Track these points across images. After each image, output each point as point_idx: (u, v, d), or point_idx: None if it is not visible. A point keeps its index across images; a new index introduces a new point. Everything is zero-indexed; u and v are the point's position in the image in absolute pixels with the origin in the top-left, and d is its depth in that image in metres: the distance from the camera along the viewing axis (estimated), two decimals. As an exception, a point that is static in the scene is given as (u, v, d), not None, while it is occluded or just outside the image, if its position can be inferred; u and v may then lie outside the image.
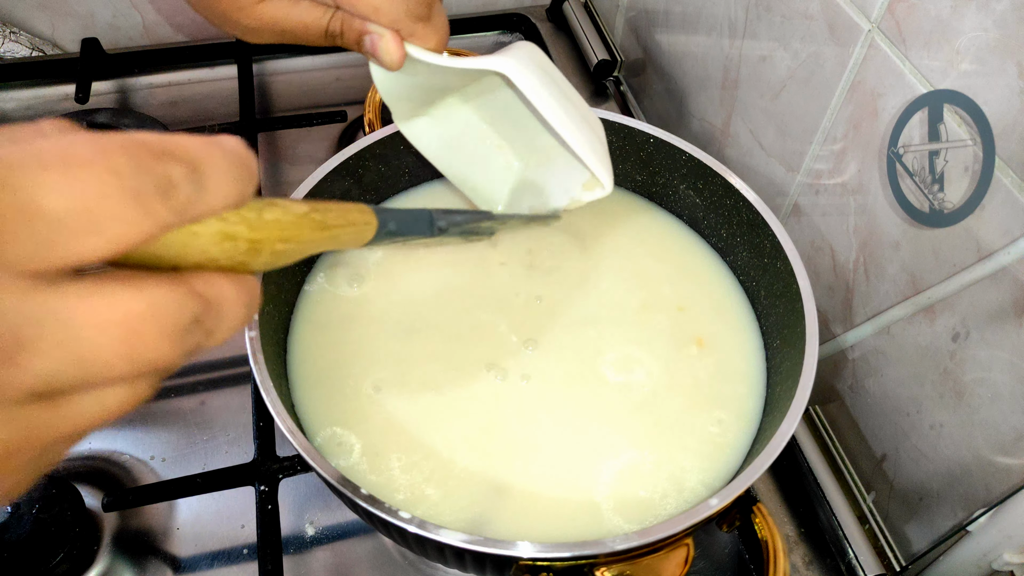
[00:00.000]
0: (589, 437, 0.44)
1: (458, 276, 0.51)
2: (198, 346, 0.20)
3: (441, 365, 0.47)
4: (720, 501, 0.37)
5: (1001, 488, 0.42)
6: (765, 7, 0.55)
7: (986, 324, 0.41)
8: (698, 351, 0.48)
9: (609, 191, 0.44)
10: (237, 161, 0.21)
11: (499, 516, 0.41)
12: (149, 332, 0.18)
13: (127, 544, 0.50)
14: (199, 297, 0.20)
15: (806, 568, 0.52)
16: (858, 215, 0.50)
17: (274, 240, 0.23)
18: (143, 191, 0.18)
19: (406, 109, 0.46)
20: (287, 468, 0.49)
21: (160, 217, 0.18)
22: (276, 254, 0.23)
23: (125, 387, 0.20)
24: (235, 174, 0.21)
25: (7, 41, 0.79)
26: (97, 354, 0.18)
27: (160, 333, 0.19)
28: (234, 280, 0.21)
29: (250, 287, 0.22)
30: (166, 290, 0.19)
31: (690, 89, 0.69)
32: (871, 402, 0.52)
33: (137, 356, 0.18)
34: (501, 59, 0.39)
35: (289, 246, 0.24)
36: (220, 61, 0.81)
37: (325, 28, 0.39)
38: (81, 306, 0.17)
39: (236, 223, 0.22)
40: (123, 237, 0.17)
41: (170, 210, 0.18)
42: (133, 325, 0.18)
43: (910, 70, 0.43)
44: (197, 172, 0.19)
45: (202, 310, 0.20)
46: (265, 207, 0.23)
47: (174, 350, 0.19)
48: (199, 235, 0.20)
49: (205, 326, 0.20)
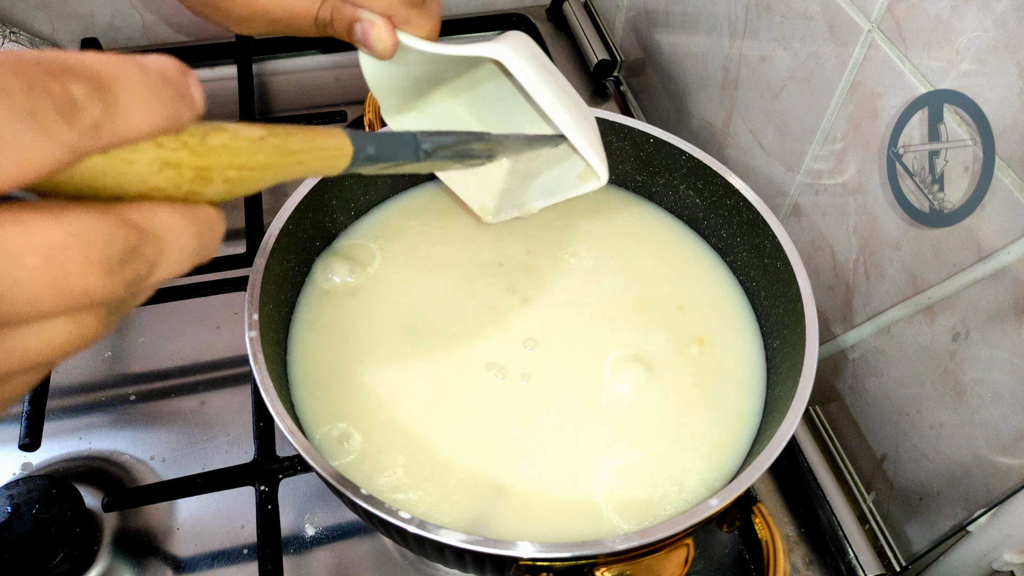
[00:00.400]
0: (589, 437, 0.44)
1: (458, 276, 0.51)
2: (140, 277, 0.19)
3: (441, 365, 0.47)
4: (720, 501, 0.37)
5: (1001, 488, 0.42)
6: (765, 7, 0.55)
7: (986, 324, 0.41)
8: (698, 351, 0.48)
9: (605, 181, 0.43)
10: (161, 79, 0.19)
11: (499, 516, 0.41)
12: (73, 262, 0.18)
13: (127, 544, 0.50)
14: (131, 225, 0.19)
15: (806, 568, 0.52)
16: (858, 215, 0.50)
17: (224, 167, 0.22)
18: (39, 111, 0.16)
19: (395, 103, 0.45)
20: (287, 468, 0.49)
21: (66, 139, 0.17)
22: (231, 182, 0.22)
23: (67, 321, 0.19)
24: (160, 93, 0.19)
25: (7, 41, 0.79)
26: (18, 287, 0.17)
27: (87, 263, 0.18)
28: (179, 209, 0.20)
29: (203, 216, 0.21)
30: (92, 218, 0.18)
31: (690, 89, 0.69)
32: (871, 402, 0.52)
33: (64, 287, 0.18)
34: (495, 45, 0.39)
35: (244, 172, 0.22)
36: (220, 61, 0.81)
37: (315, 16, 0.38)
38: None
39: (176, 149, 0.20)
40: (27, 163, 0.16)
41: (77, 132, 0.17)
42: (53, 255, 0.17)
43: (910, 70, 0.43)
44: (105, 90, 0.18)
45: (137, 239, 0.19)
46: (211, 131, 0.21)
47: (108, 281, 0.18)
48: (134, 162, 0.19)
49: (144, 256, 0.19)
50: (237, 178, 0.22)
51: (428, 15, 0.38)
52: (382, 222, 0.54)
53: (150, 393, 0.57)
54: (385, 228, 0.54)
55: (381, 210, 0.55)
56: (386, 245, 0.53)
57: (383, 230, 0.54)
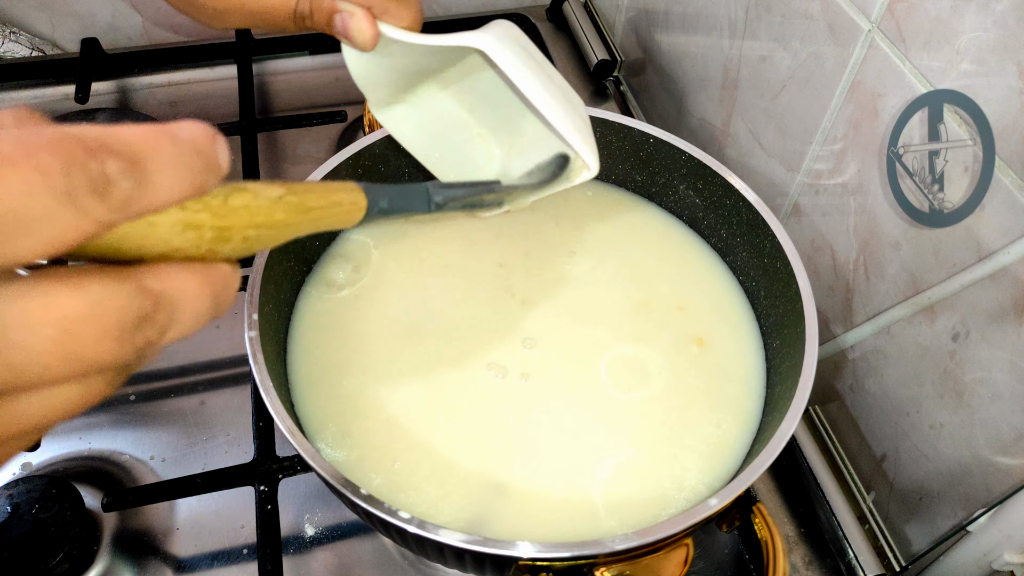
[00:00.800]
0: (589, 436, 0.44)
1: (457, 276, 0.51)
2: (152, 343, 0.20)
3: (440, 364, 0.47)
4: (720, 501, 0.37)
5: (1001, 488, 0.42)
6: (765, 7, 0.55)
7: (986, 324, 0.41)
8: (698, 351, 0.48)
9: (595, 171, 0.42)
10: (190, 149, 0.20)
11: (498, 516, 0.41)
12: (88, 332, 0.18)
13: (127, 544, 0.50)
14: (147, 293, 0.19)
15: (806, 568, 0.51)
16: (858, 215, 0.50)
17: (245, 226, 0.22)
18: (75, 190, 0.17)
19: (382, 96, 0.44)
20: (287, 468, 0.49)
21: (98, 215, 0.17)
22: (250, 240, 0.22)
23: (74, 386, 0.19)
24: (188, 163, 0.20)
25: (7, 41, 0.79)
26: (30, 357, 0.17)
27: (101, 332, 0.18)
28: (196, 271, 0.21)
29: (219, 276, 0.21)
30: (110, 287, 0.18)
31: (690, 89, 0.69)
32: (871, 402, 0.52)
33: (76, 357, 0.18)
34: (478, 35, 0.38)
35: (263, 231, 0.23)
36: (220, 61, 0.81)
37: (293, 9, 0.38)
38: (11, 309, 0.17)
39: (198, 211, 0.21)
40: (59, 238, 0.17)
41: (109, 208, 0.18)
42: (68, 326, 0.18)
43: (910, 70, 0.43)
44: (138, 166, 0.18)
45: (152, 307, 0.19)
46: (232, 192, 0.22)
47: (120, 349, 0.19)
48: (157, 225, 0.20)
49: (157, 322, 0.19)
50: (255, 236, 0.23)
51: (409, 5, 0.38)
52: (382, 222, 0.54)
53: (150, 393, 0.57)
54: (385, 228, 0.54)
55: (381, 210, 0.55)
56: (386, 245, 0.53)
57: (383, 230, 0.54)
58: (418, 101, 0.47)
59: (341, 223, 0.29)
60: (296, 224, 0.25)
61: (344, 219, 0.29)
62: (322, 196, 0.26)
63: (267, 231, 0.23)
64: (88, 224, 0.17)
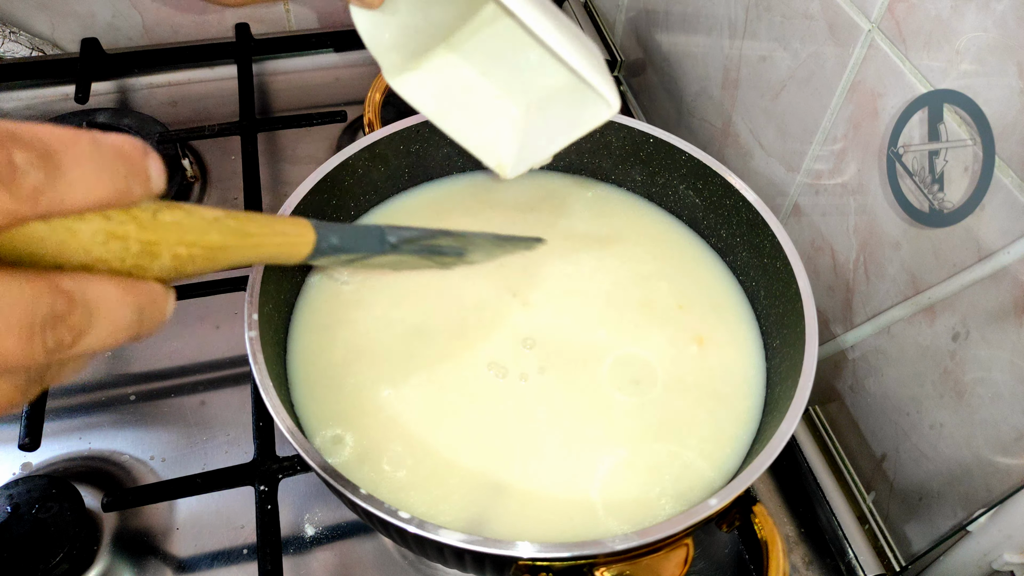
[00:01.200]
0: (588, 436, 0.44)
1: (457, 276, 0.51)
2: (64, 345, 0.19)
3: (440, 364, 0.47)
4: (720, 501, 0.37)
5: (1001, 488, 0.42)
6: (765, 7, 0.55)
7: (986, 324, 0.41)
8: (698, 350, 0.48)
9: (616, 108, 0.42)
10: (112, 153, 0.20)
11: (498, 516, 0.41)
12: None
13: (127, 544, 0.50)
14: (60, 292, 0.19)
15: (806, 568, 0.51)
16: (858, 215, 0.50)
17: (174, 243, 0.22)
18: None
19: (396, 61, 0.44)
20: (287, 468, 0.49)
21: (4, 204, 0.17)
22: (181, 259, 0.22)
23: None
24: (110, 167, 0.19)
25: (7, 41, 0.79)
26: None
27: (5, 327, 0.18)
28: (119, 281, 0.20)
29: (145, 291, 0.21)
30: (19, 282, 0.18)
31: (690, 89, 0.69)
32: (871, 402, 0.52)
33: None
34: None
35: (195, 250, 0.22)
36: (220, 61, 0.81)
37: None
38: None
39: (124, 222, 0.20)
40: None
41: (15, 197, 0.17)
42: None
43: (910, 70, 0.43)
44: (49, 159, 0.18)
45: (65, 306, 0.19)
46: (164, 208, 0.22)
47: (27, 347, 0.18)
48: (77, 232, 0.19)
49: (71, 324, 0.19)
50: (187, 256, 0.22)
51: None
52: (382, 222, 0.54)
53: (150, 393, 0.57)
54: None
55: (381, 210, 0.55)
56: (386, 245, 0.53)
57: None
58: (431, 67, 0.46)
59: (287, 256, 0.28)
60: (233, 248, 0.24)
61: (290, 251, 0.28)
62: (265, 225, 0.26)
63: (200, 251, 0.23)
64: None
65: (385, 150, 0.52)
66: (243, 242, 0.25)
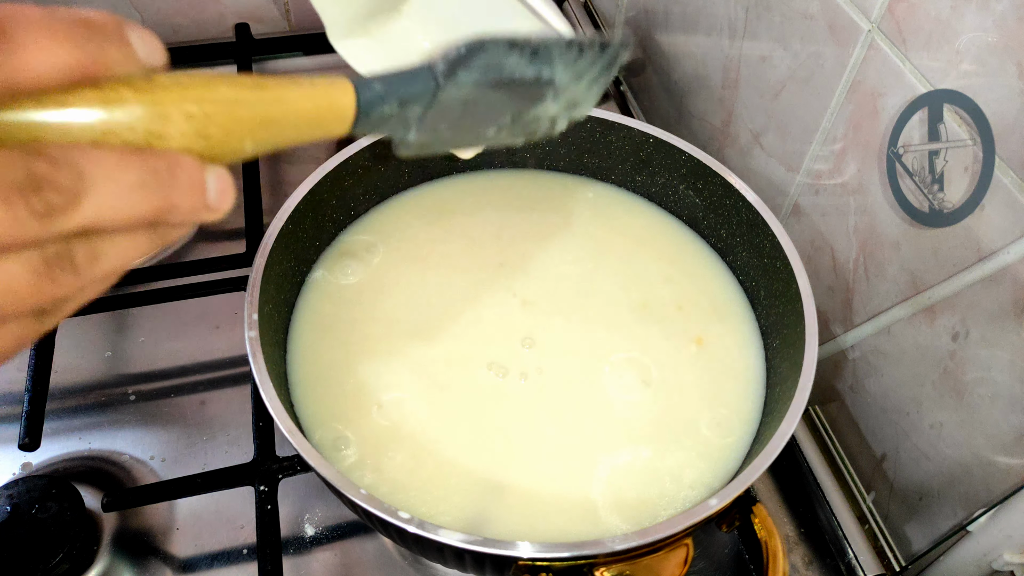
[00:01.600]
0: (588, 436, 0.44)
1: (457, 276, 0.51)
2: (57, 208, 0.18)
3: (440, 364, 0.47)
4: (720, 501, 0.37)
5: (1001, 488, 0.42)
6: (765, 7, 0.55)
7: (986, 324, 0.41)
8: (697, 350, 0.48)
9: None
10: (73, 20, 0.18)
11: (498, 515, 0.41)
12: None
13: (127, 544, 0.50)
14: (39, 156, 0.17)
15: (806, 568, 0.51)
16: (858, 215, 0.50)
17: (178, 100, 0.20)
18: None
19: (342, 23, 0.42)
20: (287, 468, 0.48)
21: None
22: (195, 119, 0.20)
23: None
24: (71, 32, 0.18)
25: (7, 41, 0.79)
26: None
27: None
28: (119, 147, 0.19)
29: (157, 155, 0.19)
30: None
31: (690, 89, 0.69)
32: (871, 402, 0.52)
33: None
34: None
35: (208, 107, 0.20)
36: (220, 61, 0.81)
37: None
38: None
39: (117, 87, 0.19)
40: None
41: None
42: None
43: (910, 70, 0.43)
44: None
45: (46, 168, 0.17)
46: (163, 74, 0.20)
47: (10, 212, 0.17)
48: (69, 104, 0.18)
49: (58, 185, 0.18)
50: (201, 114, 0.20)
51: None
52: (382, 222, 0.54)
53: (150, 393, 0.57)
54: (385, 228, 0.54)
55: (381, 210, 0.55)
56: (386, 245, 0.53)
57: (383, 230, 0.54)
58: (381, 36, 0.44)
59: (325, 112, 0.25)
60: (252, 103, 0.22)
61: (327, 104, 0.25)
62: (288, 79, 0.23)
63: (213, 107, 0.21)
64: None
65: (385, 150, 0.52)
66: (261, 95, 0.22)
